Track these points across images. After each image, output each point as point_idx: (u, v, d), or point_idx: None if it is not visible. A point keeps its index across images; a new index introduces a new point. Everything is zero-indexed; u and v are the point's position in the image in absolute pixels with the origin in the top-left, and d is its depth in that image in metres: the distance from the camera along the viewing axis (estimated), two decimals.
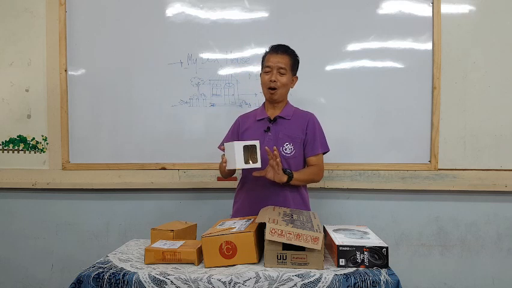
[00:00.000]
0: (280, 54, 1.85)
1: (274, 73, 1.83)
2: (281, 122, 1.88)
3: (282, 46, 1.89)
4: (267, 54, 1.89)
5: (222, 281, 1.31)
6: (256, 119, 1.91)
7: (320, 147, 1.89)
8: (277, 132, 1.86)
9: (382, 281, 1.30)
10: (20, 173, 2.49)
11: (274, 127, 1.87)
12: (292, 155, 1.84)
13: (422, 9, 2.37)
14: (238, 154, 1.63)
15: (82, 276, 1.36)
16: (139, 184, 2.44)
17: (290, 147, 1.84)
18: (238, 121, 2.00)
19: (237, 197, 1.99)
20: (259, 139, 1.81)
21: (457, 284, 2.43)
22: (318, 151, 1.89)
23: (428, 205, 2.43)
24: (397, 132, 2.40)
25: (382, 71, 2.39)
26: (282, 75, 1.84)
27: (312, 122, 1.90)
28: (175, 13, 2.43)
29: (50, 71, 2.45)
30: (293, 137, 1.86)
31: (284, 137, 1.85)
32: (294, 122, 1.88)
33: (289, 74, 1.87)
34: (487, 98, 2.37)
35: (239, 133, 1.94)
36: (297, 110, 1.95)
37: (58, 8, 2.44)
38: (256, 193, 1.86)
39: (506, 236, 2.42)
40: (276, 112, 1.90)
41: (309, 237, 1.35)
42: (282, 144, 1.84)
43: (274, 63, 1.83)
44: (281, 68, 1.83)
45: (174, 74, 2.43)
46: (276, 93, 1.85)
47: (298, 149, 1.86)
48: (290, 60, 1.87)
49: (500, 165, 2.38)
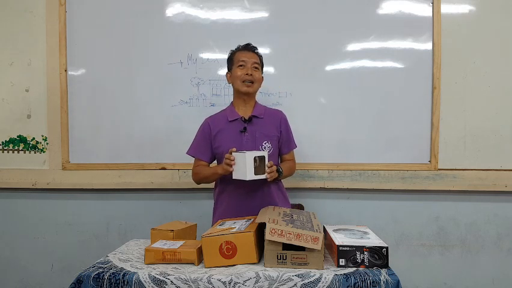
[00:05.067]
0: (252, 52, 1.90)
1: (249, 67, 1.85)
2: (256, 122, 1.89)
3: (252, 45, 1.94)
4: (237, 52, 1.91)
5: (222, 281, 1.31)
6: (228, 120, 1.89)
7: (294, 143, 1.99)
8: (254, 132, 1.86)
9: (382, 281, 1.30)
10: (20, 173, 2.49)
11: (250, 127, 1.87)
12: (271, 153, 1.86)
13: (422, 9, 2.37)
14: (249, 165, 1.63)
15: (82, 276, 1.36)
16: (139, 184, 2.44)
17: (269, 146, 1.87)
18: (207, 124, 1.93)
19: (218, 202, 1.95)
20: (236, 140, 1.83)
21: (457, 284, 2.43)
22: (293, 147, 1.99)
23: (428, 205, 2.43)
24: (397, 132, 2.40)
25: (382, 71, 2.39)
26: (256, 70, 1.87)
27: (284, 120, 1.96)
28: (175, 13, 2.43)
29: (50, 71, 2.45)
30: (270, 135, 1.89)
31: (261, 136, 1.86)
32: (267, 121, 1.91)
33: (261, 71, 1.92)
34: (487, 98, 2.37)
35: (211, 136, 1.90)
36: (267, 109, 1.98)
37: (58, 8, 2.43)
38: (243, 194, 1.84)
39: (506, 236, 2.42)
40: (248, 111, 1.91)
41: (309, 237, 1.35)
42: (260, 143, 1.85)
43: (249, 58, 1.86)
44: (255, 63, 1.87)
45: (174, 74, 2.43)
46: (253, 86, 1.86)
47: (275, 146, 1.90)
48: (259, 59, 1.92)
49: (500, 165, 2.38)
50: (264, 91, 2.40)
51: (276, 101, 2.40)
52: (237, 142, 1.83)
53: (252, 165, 1.63)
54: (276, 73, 2.42)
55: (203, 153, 1.92)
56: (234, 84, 1.90)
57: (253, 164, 1.63)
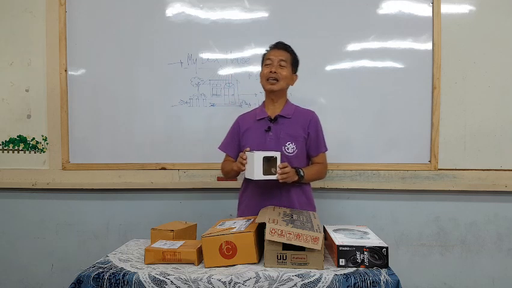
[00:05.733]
0: (280, 50, 1.88)
1: (275, 65, 1.83)
2: (282, 121, 1.87)
3: (282, 43, 1.91)
4: (267, 52, 1.91)
5: (222, 281, 1.31)
6: (256, 119, 1.90)
7: (324, 146, 1.92)
8: (279, 132, 1.84)
9: (382, 281, 1.30)
10: (20, 173, 2.49)
11: (275, 127, 1.86)
12: (294, 154, 1.83)
13: (422, 9, 2.37)
14: (258, 165, 1.63)
15: (82, 276, 1.36)
16: (139, 184, 2.44)
17: (292, 147, 1.83)
18: (237, 122, 1.98)
19: (241, 199, 1.98)
20: (260, 139, 1.83)
21: (457, 284, 2.43)
22: (323, 150, 1.91)
23: (428, 205, 2.43)
24: (397, 132, 2.40)
25: (382, 71, 2.39)
26: (283, 68, 1.84)
27: (314, 120, 1.89)
28: (175, 13, 2.43)
29: (50, 71, 2.45)
30: (295, 136, 1.84)
31: (286, 136, 1.84)
32: (295, 121, 1.87)
33: (290, 68, 1.87)
34: (487, 98, 2.37)
35: (240, 134, 1.93)
36: (298, 108, 1.94)
37: (58, 8, 2.44)
38: (261, 193, 1.85)
39: (506, 236, 2.42)
40: (277, 111, 1.89)
41: (309, 237, 1.35)
42: (284, 144, 1.83)
43: (276, 56, 1.85)
44: (282, 60, 1.84)
45: (174, 74, 2.43)
46: (277, 84, 1.83)
47: (301, 147, 1.85)
48: (290, 56, 1.88)
49: (500, 165, 2.38)
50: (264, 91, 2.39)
51: None
52: (261, 141, 1.84)
53: (260, 165, 1.63)
54: None
55: (230, 149, 1.97)
56: (261, 83, 1.90)
57: (261, 164, 1.64)
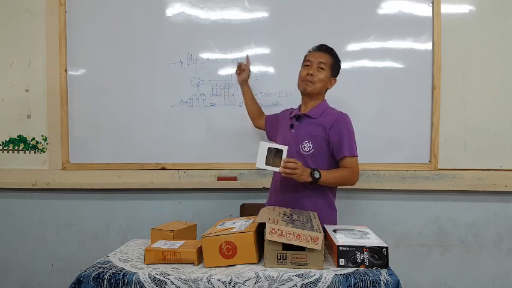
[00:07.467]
0: (322, 52, 1.86)
1: (313, 67, 1.82)
2: (306, 121, 1.86)
3: (325, 45, 1.89)
4: (308, 53, 1.90)
5: (222, 281, 1.31)
6: (290, 116, 1.94)
7: (348, 150, 1.78)
8: (299, 130, 1.85)
9: (382, 281, 1.30)
10: (20, 173, 2.49)
11: (298, 125, 1.87)
12: (311, 153, 1.80)
13: (422, 9, 2.37)
14: (261, 154, 1.66)
15: (82, 276, 1.36)
16: (139, 184, 2.44)
17: (309, 146, 1.80)
18: (281, 112, 2.09)
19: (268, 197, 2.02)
20: (285, 135, 1.88)
21: (457, 284, 2.43)
22: (345, 154, 1.77)
23: (428, 205, 2.43)
24: (397, 132, 2.39)
25: (382, 71, 2.39)
26: (321, 71, 1.83)
27: (337, 123, 1.79)
28: (175, 13, 2.43)
29: (50, 71, 2.45)
30: (313, 135, 1.81)
31: (304, 135, 1.83)
32: (318, 121, 1.83)
33: (328, 72, 1.85)
34: (487, 98, 2.37)
35: (278, 123, 2.03)
36: (328, 110, 1.88)
37: (58, 8, 2.43)
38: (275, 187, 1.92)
39: (506, 236, 2.41)
40: (307, 110, 1.88)
41: (309, 237, 1.35)
42: (301, 142, 1.82)
43: (315, 58, 1.84)
44: (321, 62, 1.82)
45: (174, 74, 2.43)
46: (311, 86, 1.83)
47: (319, 148, 1.80)
48: (331, 59, 1.85)
49: (500, 165, 2.38)
50: (264, 91, 2.40)
51: (276, 101, 2.40)
52: (285, 136, 1.88)
53: (263, 155, 1.66)
54: (276, 73, 2.42)
55: (269, 119, 2.14)
56: (298, 82, 1.90)
57: (265, 153, 1.66)
